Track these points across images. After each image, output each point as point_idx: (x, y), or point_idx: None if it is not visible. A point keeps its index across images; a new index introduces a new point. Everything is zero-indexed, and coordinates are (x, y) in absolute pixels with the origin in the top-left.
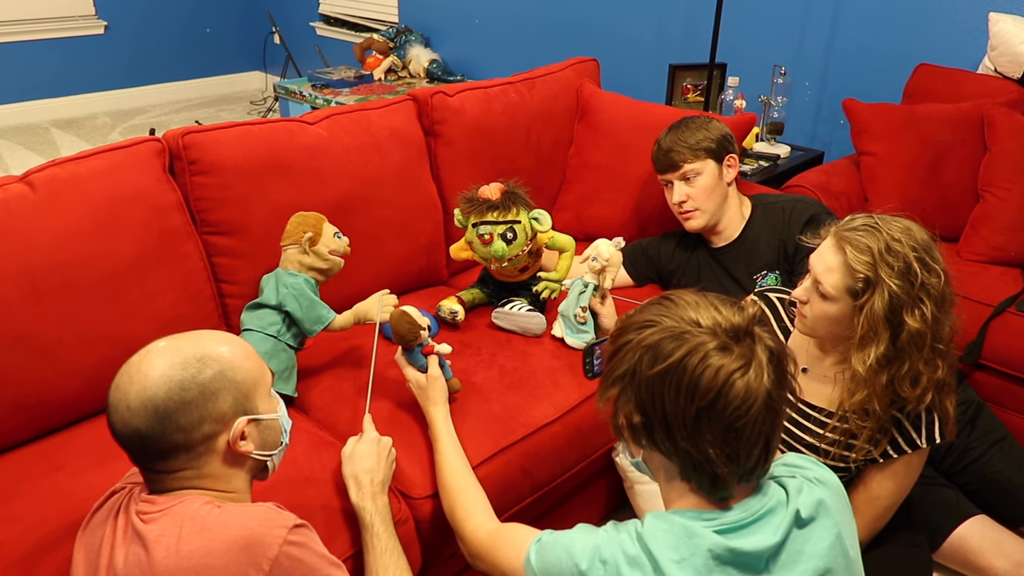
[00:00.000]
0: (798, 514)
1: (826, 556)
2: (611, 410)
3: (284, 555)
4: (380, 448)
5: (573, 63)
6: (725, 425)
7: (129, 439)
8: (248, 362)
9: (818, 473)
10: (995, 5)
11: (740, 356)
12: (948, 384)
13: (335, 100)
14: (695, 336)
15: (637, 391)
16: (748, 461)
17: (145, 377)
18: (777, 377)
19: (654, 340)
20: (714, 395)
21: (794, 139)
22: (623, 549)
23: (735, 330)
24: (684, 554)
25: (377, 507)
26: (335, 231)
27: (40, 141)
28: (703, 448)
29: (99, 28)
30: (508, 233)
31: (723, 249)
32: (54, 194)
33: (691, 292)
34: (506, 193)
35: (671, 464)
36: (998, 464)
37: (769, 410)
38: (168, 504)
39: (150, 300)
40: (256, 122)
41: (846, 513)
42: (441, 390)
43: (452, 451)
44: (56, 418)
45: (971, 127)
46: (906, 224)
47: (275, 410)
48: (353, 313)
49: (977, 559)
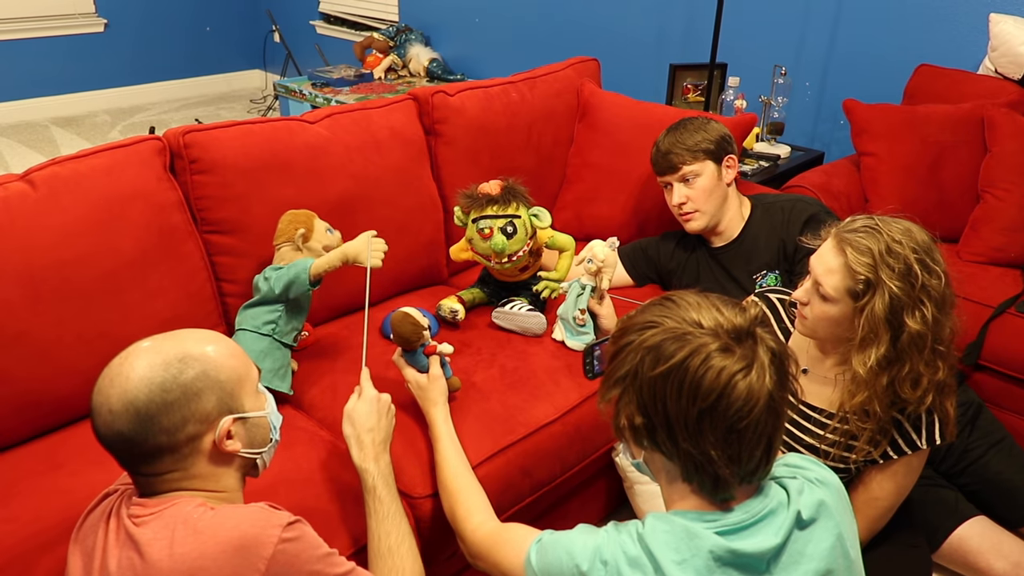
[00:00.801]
0: (799, 515)
1: (827, 557)
2: (613, 411)
3: (280, 553)
4: (380, 406)
5: (574, 63)
6: (727, 426)
7: (113, 443)
8: (232, 360)
9: (819, 474)
10: (996, 6)
11: (742, 357)
12: (948, 385)
13: (335, 99)
14: (697, 337)
15: (639, 392)
16: (750, 462)
17: (126, 380)
18: (779, 378)
19: (656, 341)
20: (716, 396)
21: (794, 139)
22: (624, 550)
23: (737, 331)
24: (685, 555)
25: (380, 468)
26: (327, 227)
27: (40, 139)
28: (705, 449)
29: (99, 26)
30: (508, 227)
31: (723, 249)
32: (54, 192)
33: (693, 293)
34: (506, 188)
35: (673, 465)
36: (997, 465)
37: (771, 411)
38: (160, 507)
39: (150, 299)
40: (256, 121)
41: (847, 514)
42: (442, 391)
43: (452, 451)
44: (55, 417)
45: (971, 128)
46: (906, 225)
47: (262, 407)
48: (341, 252)
49: (976, 560)
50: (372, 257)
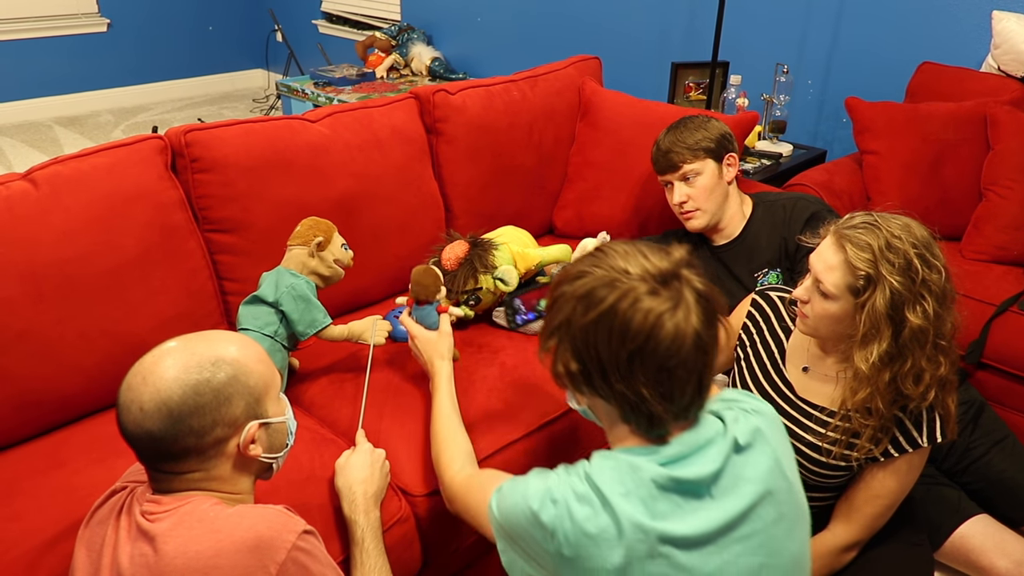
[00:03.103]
0: (736, 442)
1: (765, 479)
2: (551, 360)
3: (291, 560)
4: (374, 460)
5: (575, 61)
6: (657, 365)
7: (140, 440)
8: (260, 365)
9: (754, 404)
10: (999, 3)
11: (668, 299)
12: (950, 381)
13: (337, 98)
14: (625, 283)
15: (573, 339)
16: (682, 399)
17: (159, 379)
18: (706, 317)
19: (587, 289)
20: (645, 337)
21: (796, 137)
22: (572, 488)
23: (663, 274)
24: (630, 487)
25: (369, 521)
26: (343, 243)
27: (43, 139)
28: (638, 389)
29: (102, 26)
30: (471, 300)
31: (724, 247)
32: (57, 191)
33: (622, 243)
34: (465, 261)
35: (611, 408)
36: (1000, 463)
37: (699, 349)
38: (175, 505)
39: (152, 297)
40: (258, 120)
41: (783, 440)
42: (449, 347)
43: (448, 402)
44: (58, 415)
45: (974, 126)
46: (905, 221)
47: (283, 413)
48: (348, 329)
49: (979, 558)
50: (376, 335)
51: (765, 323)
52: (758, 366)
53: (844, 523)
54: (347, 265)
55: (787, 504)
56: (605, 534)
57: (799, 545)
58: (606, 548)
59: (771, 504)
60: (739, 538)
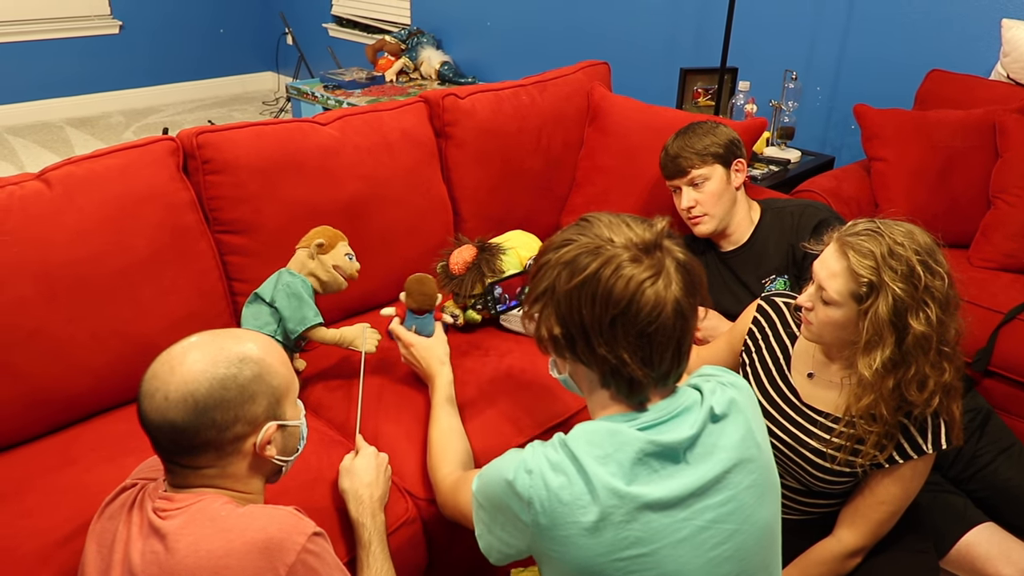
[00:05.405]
0: (712, 411)
1: (739, 448)
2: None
3: (301, 563)
4: (378, 462)
5: (584, 66)
6: (638, 331)
7: (161, 429)
8: (283, 367)
9: (730, 379)
10: (1008, 11)
11: (650, 267)
12: (955, 388)
13: (347, 101)
14: (609, 250)
15: (557, 305)
16: (662, 365)
17: (188, 370)
18: (686, 285)
19: (571, 256)
20: (627, 302)
21: (805, 144)
22: (547, 457)
23: (646, 244)
24: (608, 450)
25: (376, 525)
26: (349, 252)
27: (55, 139)
28: (619, 353)
29: (114, 28)
30: (478, 304)
31: (732, 253)
32: (69, 192)
33: (606, 213)
34: (472, 265)
35: (592, 373)
36: (1007, 471)
37: (679, 316)
38: (188, 502)
39: (163, 298)
40: (269, 122)
41: (756, 413)
42: (447, 351)
43: (447, 408)
44: (69, 413)
45: (983, 133)
46: (908, 228)
47: (299, 417)
48: (340, 334)
49: (984, 566)
50: (367, 342)
51: (771, 329)
52: (763, 371)
53: (849, 529)
54: (350, 275)
55: (759, 472)
56: (580, 501)
57: (770, 514)
58: (580, 514)
59: (744, 471)
60: (713, 504)
